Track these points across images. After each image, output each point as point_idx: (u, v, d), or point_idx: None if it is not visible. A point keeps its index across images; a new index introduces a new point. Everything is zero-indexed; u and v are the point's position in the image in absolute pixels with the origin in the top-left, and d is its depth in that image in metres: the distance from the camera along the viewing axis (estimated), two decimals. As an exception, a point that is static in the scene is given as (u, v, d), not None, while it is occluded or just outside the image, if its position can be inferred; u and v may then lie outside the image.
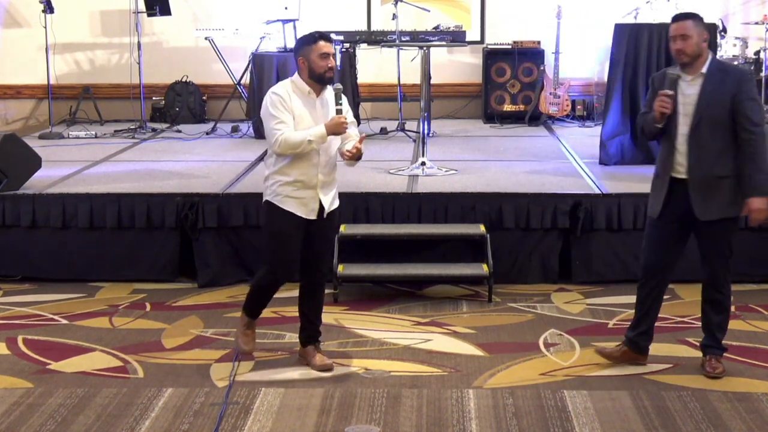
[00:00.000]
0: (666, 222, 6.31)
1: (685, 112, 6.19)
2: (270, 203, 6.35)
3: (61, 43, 13.00)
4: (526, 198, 8.51)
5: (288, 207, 6.28)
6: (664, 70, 6.44)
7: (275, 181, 6.31)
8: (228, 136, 12.06)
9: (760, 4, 12.99)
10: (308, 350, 6.65)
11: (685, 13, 6.37)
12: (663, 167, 6.32)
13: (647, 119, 6.33)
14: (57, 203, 8.58)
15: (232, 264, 8.59)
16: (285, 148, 6.19)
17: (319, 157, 6.29)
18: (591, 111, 13.05)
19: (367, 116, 12.74)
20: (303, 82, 6.30)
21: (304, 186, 6.28)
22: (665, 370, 6.58)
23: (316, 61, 6.23)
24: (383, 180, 9.22)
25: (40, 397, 6.18)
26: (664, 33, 9.75)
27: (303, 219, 6.31)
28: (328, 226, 6.50)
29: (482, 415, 5.90)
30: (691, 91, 6.19)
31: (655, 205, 6.35)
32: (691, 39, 6.15)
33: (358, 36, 12.27)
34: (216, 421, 5.82)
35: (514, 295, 8.17)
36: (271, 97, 6.26)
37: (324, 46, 6.24)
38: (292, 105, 6.24)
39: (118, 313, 7.82)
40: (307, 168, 6.27)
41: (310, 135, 6.18)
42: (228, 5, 13.29)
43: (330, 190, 6.42)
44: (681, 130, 6.20)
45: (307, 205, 6.31)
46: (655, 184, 6.39)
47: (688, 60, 6.18)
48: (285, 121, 6.20)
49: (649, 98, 6.41)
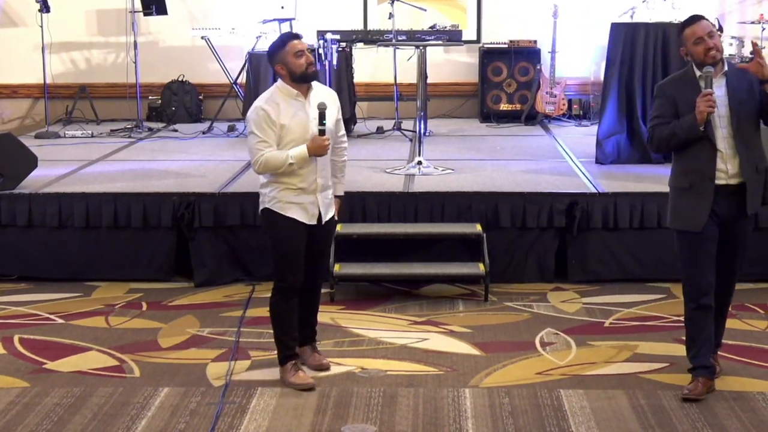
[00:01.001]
0: (710, 234, 5.99)
1: (719, 113, 5.91)
2: (270, 211, 6.24)
3: (57, 42, 12.99)
4: (522, 197, 8.51)
5: (290, 213, 6.19)
6: (671, 75, 6.32)
7: (274, 188, 6.21)
8: (224, 135, 12.05)
9: (756, 4, 12.99)
10: (305, 350, 6.62)
11: (698, 15, 6.08)
12: (700, 176, 5.94)
13: (683, 125, 5.90)
14: (53, 203, 8.58)
15: (228, 263, 8.59)
16: (265, 169, 6.12)
17: (317, 162, 6.21)
18: (587, 110, 13.04)
19: (363, 115, 12.74)
20: (289, 87, 6.19)
21: (304, 192, 6.20)
22: (661, 369, 6.58)
23: (293, 62, 6.12)
24: (380, 179, 9.22)
25: (37, 397, 6.17)
26: (661, 32, 9.81)
27: (305, 225, 6.24)
28: (327, 230, 6.43)
29: (478, 415, 5.91)
30: (719, 92, 5.93)
31: (696, 217, 5.97)
32: (716, 36, 5.95)
33: (355, 35, 12.27)
34: (212, 421, 5.82)
35: (510, 294, 8.18)
36: (257, 113, 6.11)
37: (296, 45, 6.14)
38: (281, 116, 6.10)
39: (114, 313, 7.81)
40: (307, 174, 6.19)
41: (291, 157, 6.05)
42: (224, 5, 13.28)
43: (328, 194, 6.35)
44: (721, 132, 5.93)
45: (308, 211, 6.23)
46: (688, 195, 6.00)
47: (721, 57, 5.94)
48: (267, 140, 6.08)
49: (659, 107, 6.07)
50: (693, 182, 5.99)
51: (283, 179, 6.17)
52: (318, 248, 6.40)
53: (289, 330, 6.40)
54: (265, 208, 6.29)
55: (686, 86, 5.99)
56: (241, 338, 7.19)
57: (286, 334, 6.40)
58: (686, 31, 5.98)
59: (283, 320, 6.38)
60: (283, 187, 6.18)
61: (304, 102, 6.19)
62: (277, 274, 6.33)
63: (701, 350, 6.12)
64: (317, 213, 6.26)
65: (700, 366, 6.13)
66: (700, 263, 6.04)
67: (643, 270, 8.46)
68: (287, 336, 6.40)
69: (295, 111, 6.15)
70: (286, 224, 6.21)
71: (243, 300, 8.07)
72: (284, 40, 6.20)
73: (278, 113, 6.11)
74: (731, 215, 6.01)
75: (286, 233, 6.22)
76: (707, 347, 6.13)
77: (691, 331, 6.15)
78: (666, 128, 5.99)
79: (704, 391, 6.08)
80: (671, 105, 6.01)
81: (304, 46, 6.18)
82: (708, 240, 6.01)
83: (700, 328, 6.11)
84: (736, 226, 6.07)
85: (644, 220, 8.43)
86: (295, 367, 6.38)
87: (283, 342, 6.40)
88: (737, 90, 5.96)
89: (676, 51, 9.65)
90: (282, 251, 6.26)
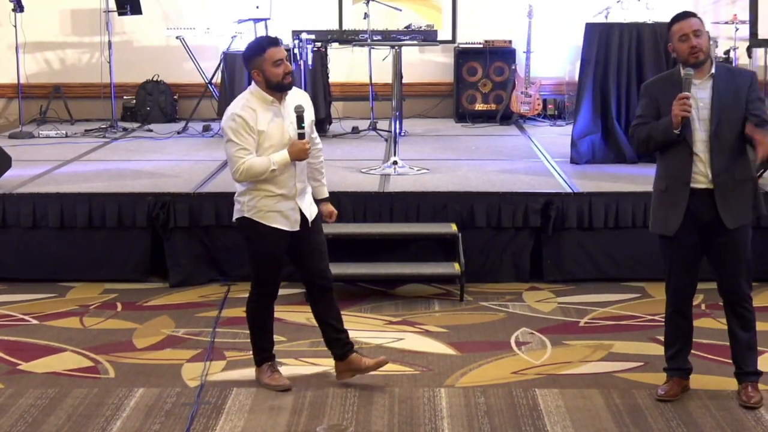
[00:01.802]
0: (686, 238, 5.87)
1: (700, 116, 5.79)
2: (251, 220, 6.08)
3: (31, 42, 12.93)
4: (497, 197, 8.53)
5: (273, 223, 6.05)
6: (659, 75, 6.22)
7: (254, 196, 6.04)
8: (199, 135, 12.03)
9: (729, 4, 13.07)
10: (352, 359, 6.35)
11: (688, 11, 5.92)
12: (676, 179, 5.85)
13: (658, 128, 5.83)
14: (27, 203, 8.54)
15: (203, 263, 8.57)
16: (247, 176, 5.96)
17: (295, 167, 6.09)
18: (562, 110, 13.09)
19: (338, 115, 12.73)
20: (264, 93, 6.00)
21: (284, 198, 6.06)
22: (636, 368, 6.61)
23: (270, 71, 5.93)
24: (355, 179, 9.22)
25: (11, 398, 6.14)
26: (635, 32, 9.85)
27: (287, 232, 6.10)
28: (315, 232, 6.24)
29: (454, 414, 5.91)
30: (703, 95, 5.82)
31: (670, 220, 5.88)
32: (704, 36, 5.80)
33: (330, 35, 12.25)
34: (187, 421, 5.81)
35: (485, 293, 8.19)
36: (234, 119, 5.92)
37: (275, 53, 5.94)
38: (258, 122, 5.94)
39: (88, 313, 7.79)
40: (286, 179, 6.05)
41: (273, 163, 5.91)
42: (199, 4, 13.26)
43: (306, 196, 6.22)
44: (699, 136, 5.79)
45: (290, 217, 6.09)
46: (664, 198, 5.92)
47: (704, 58, 5.79)
48: (247, 148, 5.91)
49: (643, 107, 5.98)
50: (669, 185, 5.90)
51: (263, 186, 6.03)
52: (310, 250, 6.21)
53: (266, 333, 6.37)
54: (243, 217, 6.14)
55: (671, 86, 5.86)
56: (217, 338, 7.18)
57: (263, 337, 6.37)
58: (674, 26, 5.86)
59: (261, 324, 6.33)
60: (262, 195, 6.04)
61: (279, 107, 6.03)
62: (258, 281, 6.25)
63: (679, 352, 6.11)
64: (299, 218, 6.12)
65: (674, 368, 6.14)
66: (676, 268, 5.99)
67: (618, 269, 8.49)
68: (264, 339, 6.37)
69: (271, 116, 6.01)
70: (269, 235, 6.07)
71: (218, 300, 8.06)
72: (263, 47, 5.99)
73: (255, 119, 5.95)
74: (716, 221, 5.82)
75: (268, 243, 6.10)
76: (685, 350, 6.13)
77: (668, 333, 6.15)
78: (645, 129, 5.92)
79: (678, 392, 6.10)
80: (654, 105, 5.92)
81: (283, 54, 5.98)
82: (683, 245, 5.91)
83: (675, 332, 6.10)
84: (724, 232, 5.85)
85: (619, 220, 8.45)
86: (271, 368, 6.35)
87: (259, 345, 6.37)
88: (723, 94, 5.80)
89: (651, 50, 9.78)
90: (264, 261, 6.17)
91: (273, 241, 6.09)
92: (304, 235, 6.17)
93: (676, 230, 5.87)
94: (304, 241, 6.18)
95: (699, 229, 5.87)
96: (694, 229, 5.87)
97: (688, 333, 6.12)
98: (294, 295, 8.03)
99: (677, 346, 6.11)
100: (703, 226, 5.86)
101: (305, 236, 6.18)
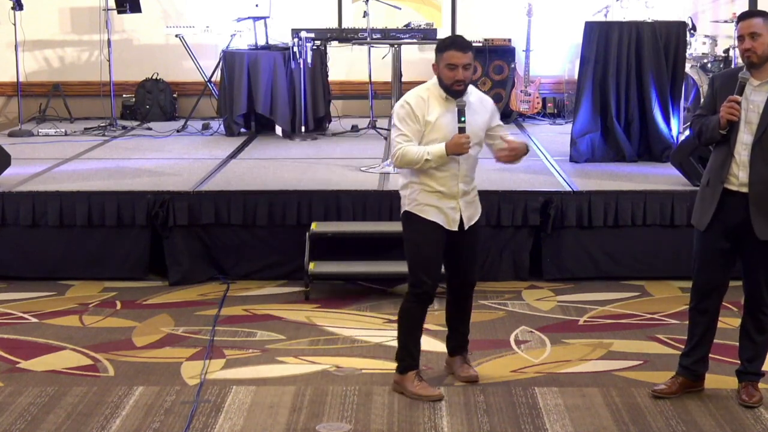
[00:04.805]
0: (714, 236, 5.84)
1: (747, 119, 5.70)
2: (409, 213, 6.03)
3: (30, 40, 12.92)
4: (496, 195, 8.52)
5: (430, 216, 5.98)
6: (729, 69, 6.09)
7: (413, 189, 6.01)
8: (199, 133, 12.02)
9: (729, 2, 13.06)
10: (455, 360, 6.42)
11: (755, 10, 5.76)
12: (714, 176, 5.82)
13: (708, 124, 5.80)
14: (26, 201, 8.53)
15: (202, 262, 8.56)
16: (402, 162, 5.92)
17: (459, 167, 6.01)
18: (562, 109, 13.09)
19: (338, 114, 12.73)
20: (439, 88, 5.97)
21: (443, 196, 5.98)
22: (635, 366, 6.61)
23: (443, 71, 5.91)
24: (354, 178, 9.22)
25: (10, 396, 6.14)
26: (634, 31, 9.84)
27: (444, 230, 6.02)
28: (472, 238, 6.17)
29: (453, 412, 5.91)
30: (757, 98, 5.69)
31: (702, 217, 5.87)
32: (761, 38, 5.62)
33: (329, 33, 12.23)
34: (187, 420, 5.81)
35: (485, 292, 8.18)
36: (403, 106, 5.94)
37: (451, 56, 5.86)
38: (428, 112, 5.91)
39: (88, 312, 7.79)
40: (448, 179, 5.98)
41: (428, 154, 5.85)
42: (198, 3, 13.24)
43: (471, 200, 6.13)
44: (742, 138, 5.72)
45: (448, 215, 6.00)
46: (704, 194, 5.90)
47: (757, 61, 5.65)
48: (408, 135, 5.89)
49: (705, 100, 5.97)
50: (710, 180, 5.88)
51: (422, 180, 5.98)
52: (464, 255, 6.18)
53: (417, 338, 6.21)
54: (404, 211, 6.10)
55: (731, 84, 5.75)
56: (216, 337, 7.18)
57: (412, 341, 6.20)
58: (737, 26, 5.77)
59: (413, 327, 6.17)
60: (420, 189, 5.99)
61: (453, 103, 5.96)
62: (413, 278, 6.10)
63: (692, 350, 6.09)
64: (458, 219, 6.04)
65: (682, 365, 6.13)
66: (700, 264, 5.98)
67: (617, 268, 8.49)
68: (413, 343, 6.20)
69: (443, 110, 5.95)
70: (424, 227, 6.01)
71: (218, 299, 8.05)
72: (446, 45, 5.95)
73: (424, 109, 5.94)
74: (747, 227, 5.76)
75: (423, 236, 6.02)
76: (699, 350, 6.08)
77: (688, 329, 6.13)
78: (698, 123, 5.91)
79: (677, 391, 6.09)
80: (713, 100, 5.88)
81: (460, 60, 5.87)
82: (709, 244, 5.88)
83: (692, 328, 6.09)
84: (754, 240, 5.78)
85: (618, 218, 8.45)
86: (418, 377, 6.18)
87: (408, 350, 6.19)
88: None
89: (650, 49, 9.77)
90: (418, 254, 6.06)
91: (429, 235, 6.01)
92: (459, 237, 6.09)
93: (705, 227, 5.86)
94: (459, 243, 6.11)
95: (729, 231, 5.82)
96: (724, 229, 5.82)
97: (705, 332, 6.06)
98: (294, 294, 8.04)
99: (692, 343, 6.09)
100: (733, 229, 5.81)
101: (461, 239, 6.10)
